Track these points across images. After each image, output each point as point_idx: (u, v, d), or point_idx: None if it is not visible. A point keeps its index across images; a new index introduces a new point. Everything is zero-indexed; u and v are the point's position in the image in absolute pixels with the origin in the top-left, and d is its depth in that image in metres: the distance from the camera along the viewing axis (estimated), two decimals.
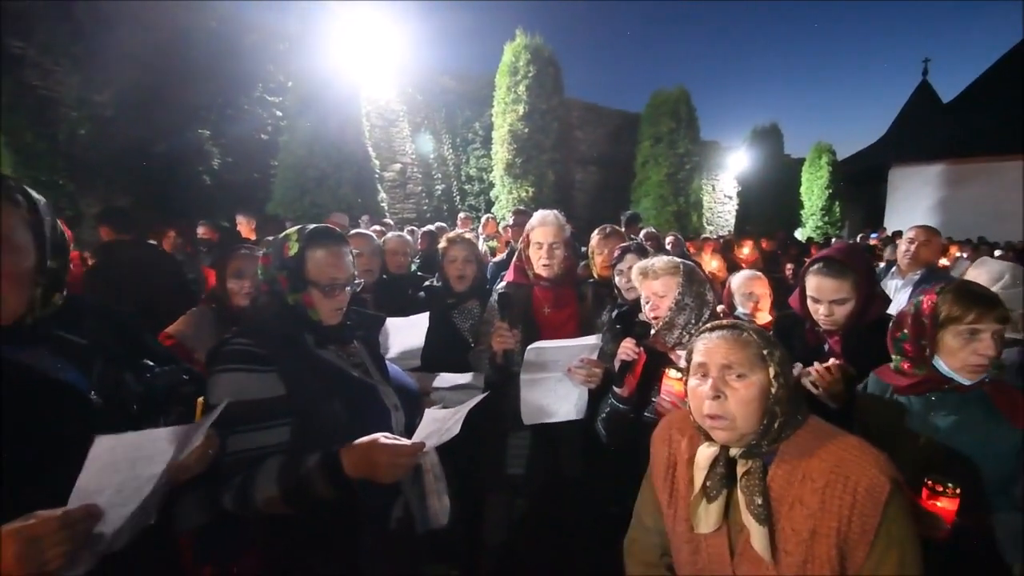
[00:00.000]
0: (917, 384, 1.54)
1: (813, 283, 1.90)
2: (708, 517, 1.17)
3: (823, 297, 1.86)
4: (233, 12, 8.71)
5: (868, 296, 1.87)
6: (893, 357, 1.64)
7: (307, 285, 1.40)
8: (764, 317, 2.76)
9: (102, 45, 7.18)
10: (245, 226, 5.57)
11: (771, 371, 1.14)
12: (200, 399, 1.26)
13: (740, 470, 1.15)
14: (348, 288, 1.46)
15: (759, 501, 1.10)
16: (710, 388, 1.15)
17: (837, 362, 1.70)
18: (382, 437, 1.24)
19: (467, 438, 1.39)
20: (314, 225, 1.48)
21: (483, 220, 7.98)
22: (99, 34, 7.18)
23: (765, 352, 1.16)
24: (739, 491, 1.14)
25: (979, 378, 1.47)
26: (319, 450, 1.25)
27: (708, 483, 1.17)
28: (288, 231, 1.47)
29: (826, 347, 1.93)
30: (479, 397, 1.41)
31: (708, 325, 1.26)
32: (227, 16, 8.59)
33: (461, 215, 8.59)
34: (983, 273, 2.34)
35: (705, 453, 1.19)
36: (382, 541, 1.42)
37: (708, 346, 1.19)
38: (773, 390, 1.13)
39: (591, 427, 2.01)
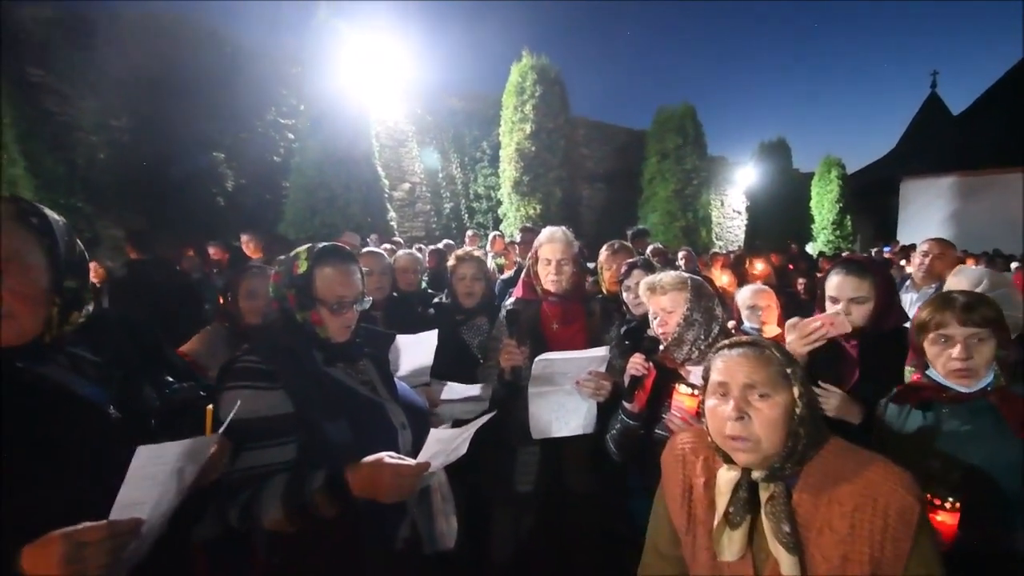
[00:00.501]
0: (917, 392, 1.53)
1: (834, 282, 1.88)
2: (732, 545, 1.12)
3: (842, 296, 1.84)
4: (246, 38, 8.96)
5: (887, 303, 1.85)
6: (907, 369, 1.62)
7: (315, 303, 1.40)
8: (772, 330, 2.73)
9: (119, 72, 7.39)
10: (251, 246, 5.63)
11: (795, 390, 1.10)
12: (209, 407, 1.27)
13: (764, 495, 1.10)
14: (356, 306, 1.47)
15: (787, 528, 1.05)
16: (733, 409, 1.10)
17: (830, 316, 1.71)
18: (387, 457, 1.24)
19: (474, 454, 1.39)
20: (324, 243, 1.48)
21: (490, 238, 8.01)
22: (116, 61, 7.38)
23: (788, 370, 1.11)
24: (764, 517, 1.09)
25: (976, 385, 1.44)
26: (325, 468, 1.25)
27: (731, 509, 1.12)
28: (298, 249, 1.48)
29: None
30: (486, 417, 1.40)
31: (727, 342, 1.21)
32: (241, 42, 8.82)
33: (469, 233, 8.63)
34: (962, 280, 2.34)
35: (726, 477, 1.14)
36: (389, 560, 1.41)
37: (728, 364, 1.14)
38: (797, 410, 1.09)
39: (599, 443, 1.99)
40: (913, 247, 9.84)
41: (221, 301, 2.27)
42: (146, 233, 4.03)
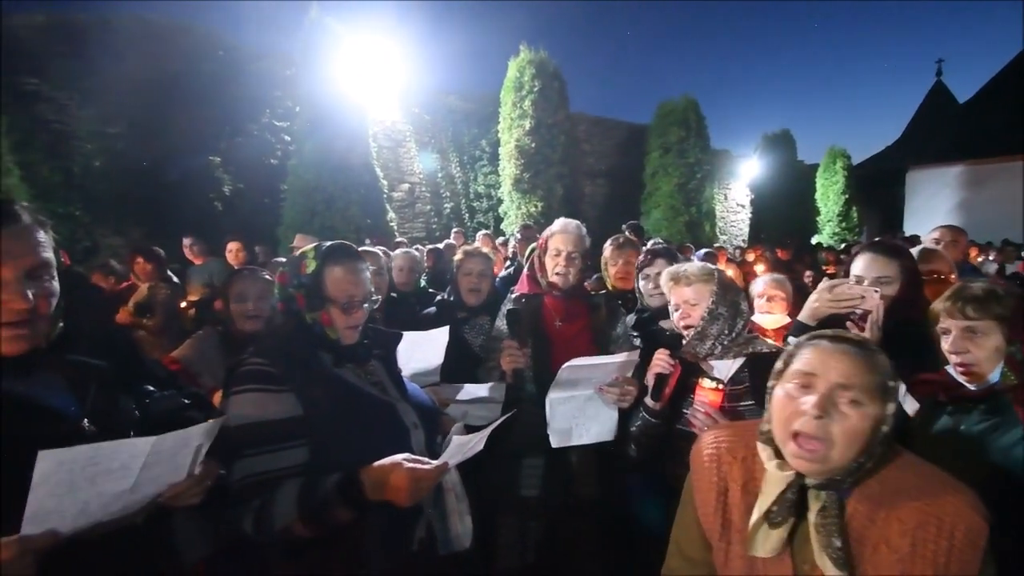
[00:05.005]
0: (926, 384, 1.50)
1: (860, 263, 1.89)
2: (768, 542, 1.03)
3: (867, 275, 1.83)
4: (239, 40, 8.92)
5: (910, 291, 1.81)
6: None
7: (325, 303, 1.39)
8: (776, 320, 2.65)
9: (113, 78, 7.33)
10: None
11: (890, 407, 1.00)
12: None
13: (813, 504, 1.01)
14: (366, 305, 1.45)
15: (838, 544, 0.97)
16: (815, 405, 0.98)
17: (867, 289, 1.66)
18: (404, 461, 1.21)
19: (478, 460, 1.36)
20: (330, 242, 1.47)
21: (478, 237, 7.87)
22: (110, 67, 7.32)
23: (891, 384, 1.01)
24: (812, 528, 1.01)
25: (982, 383, 1.37)
26: (338, 471, 1.23)
27: (774, 508, 1.03)
28: (304, 248, 1.47)
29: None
30: (505, 416, 1.38)
31: (827, 332, 1.09)
32: (234, 44, 8.77)
33: (454, 230, 8.55)
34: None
35: (776, 476, 1.04)
36: (404, 562, 1.38)
37: (823, 356, 1.03)
38: (884, 428, 0.99)
39: (606, 446, 1.94)
40: (918, 238, 9.76)
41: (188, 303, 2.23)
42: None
